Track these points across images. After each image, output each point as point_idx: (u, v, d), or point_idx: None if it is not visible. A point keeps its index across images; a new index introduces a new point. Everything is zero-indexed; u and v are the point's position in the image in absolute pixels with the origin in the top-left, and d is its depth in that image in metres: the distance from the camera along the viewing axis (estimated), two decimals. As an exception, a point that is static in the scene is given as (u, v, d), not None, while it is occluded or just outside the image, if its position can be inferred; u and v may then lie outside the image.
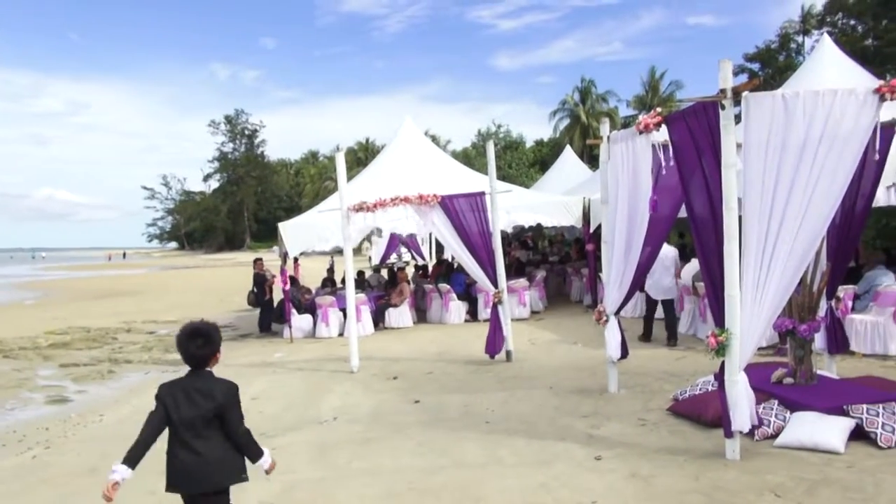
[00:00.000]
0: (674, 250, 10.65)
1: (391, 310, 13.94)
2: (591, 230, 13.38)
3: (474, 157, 57.29)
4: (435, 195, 9.45)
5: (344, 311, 11.90)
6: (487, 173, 10.03)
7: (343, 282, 10.99)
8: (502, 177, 26.50)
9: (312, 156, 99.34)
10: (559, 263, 19.22)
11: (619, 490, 4.70)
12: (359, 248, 29.49)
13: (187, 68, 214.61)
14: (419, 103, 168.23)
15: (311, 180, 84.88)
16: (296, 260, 14.16)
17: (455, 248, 9.63)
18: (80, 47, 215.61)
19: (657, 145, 6.15)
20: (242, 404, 3.44)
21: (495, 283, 9.54)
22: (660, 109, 6.23)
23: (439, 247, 20.24)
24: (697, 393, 6.47)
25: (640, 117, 6.20)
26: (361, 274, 15.85)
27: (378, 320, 13.74)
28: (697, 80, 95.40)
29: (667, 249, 9.80)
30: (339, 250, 11.24)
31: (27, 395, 9.61)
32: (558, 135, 59.13)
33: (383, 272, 17.87)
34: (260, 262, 14.76)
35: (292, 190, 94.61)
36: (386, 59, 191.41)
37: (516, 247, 21.62)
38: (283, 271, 13.18)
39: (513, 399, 7.41)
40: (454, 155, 47.66)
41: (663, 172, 6.18)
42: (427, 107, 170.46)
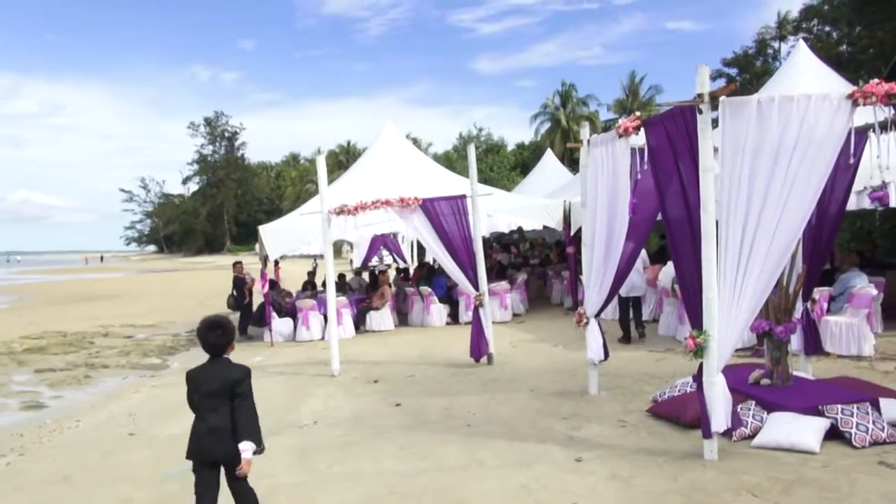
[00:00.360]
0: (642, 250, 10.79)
1: (372, 313, 13.91)
2: (571, 233, 13.46)
3: (456, 160, 57.34)
4: (416, 198, 9.45)
5: (325, 314, 11.85)
6: (469, 176, 10.05)
7: (324, 285, 10.94)
8: (484, 180, 26.57)
9: (293, 158, 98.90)
10: (540, 266, 19.30)
11: (600, 491, 4.73)
12: (339, 251, 29.42)
13: (167, 69, 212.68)
14: (401, 106, 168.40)
15: (292, 183, 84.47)
16: (276, 263, 14.08)
17: (436, 251, 9.64)
18: (57, 47, 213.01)
19: (636, 149, 6.21)
20: None
21: (476, 285, 9.56)
22: (639, 113, 6.28)
23: (421, 249, 20.25)
24: (676, 394, 6.53)
25: (620, 121, 6.25)
26: (342, 277, 15.79)
27: (359, 323, 13.70)
28: (677, 85, 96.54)
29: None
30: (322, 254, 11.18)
31: (1, 401, 9.44)
32: (539, 138, 59.44)
33: (364, 275, 17.82)
34: (239, 265, 14.66)
35: (273, 193, 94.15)
36: (367, 62, 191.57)
37: (498, 249, 21.70)
38: (263, 274, 13.10)
39: (494, 402, 7.42)
40: (436, 158, 47.65)
41: (640, 176, 6.23)
42: (409, 110, 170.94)
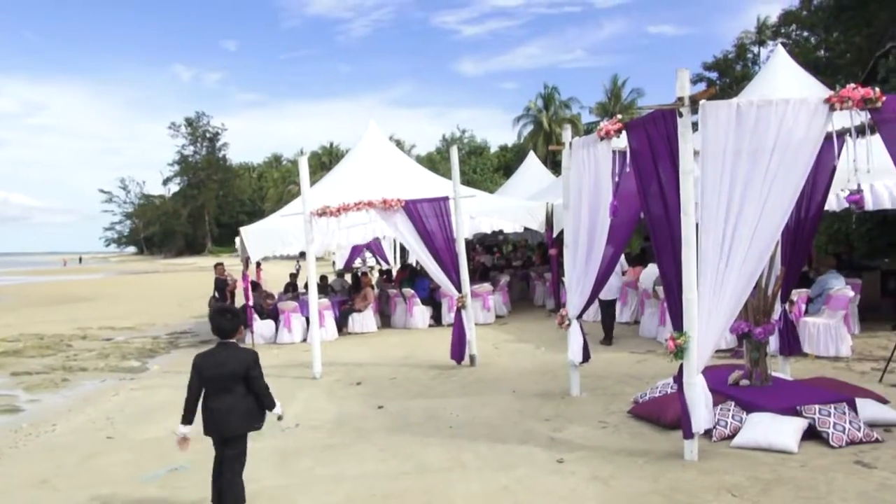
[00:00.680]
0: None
1: (355, 315, 13.86)
2: (553, 235, 13.51)
3: (439, 161, 57.43)
4: (399, 200, 9.44)
5: (307, 316, 11.79)
6: (452, 178, 10.06)
7: (306, 286, 10.89)
8: (467, 182, 26.56)
9: (276, 159, 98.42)
10: (523, 268, 19.35)
11: (581, 492, 4.75)
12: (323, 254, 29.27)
13: (148, 69, 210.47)
14: (384, 107, 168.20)
15: (275, 184, 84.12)
16: (258, 265, 13.99)
17: (419, 253, 9.63)
18: (37, 47, 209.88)
19: (618, 152, 6.25)
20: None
21: (459, 287, 9.56)
22: (620, 116, 6.34)
23: (404, 251, 20.20)
24: (657, 395, 6.57)
25: (602, 124, 6.29)
26: (324, 279, 15.72)
27: (342, 325, 13.65)
28: (659, 88, 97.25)
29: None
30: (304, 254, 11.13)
31: (-24, 405, 9.27)
32: (522, 140, 59.57)
33: (347, 277, 17.76)
34: (221, 266, 14.56)
35: (255, 194, 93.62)
36: (351, 63, 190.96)
37: (481, 251, 21.73)
38: (244, 276, 13.01)
39: (476, 403, 7.43)
40: (419, 160, 47.65)
41: (621, 179, 6.28)
42: (392, 111, 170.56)
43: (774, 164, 4.89)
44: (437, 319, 14.18)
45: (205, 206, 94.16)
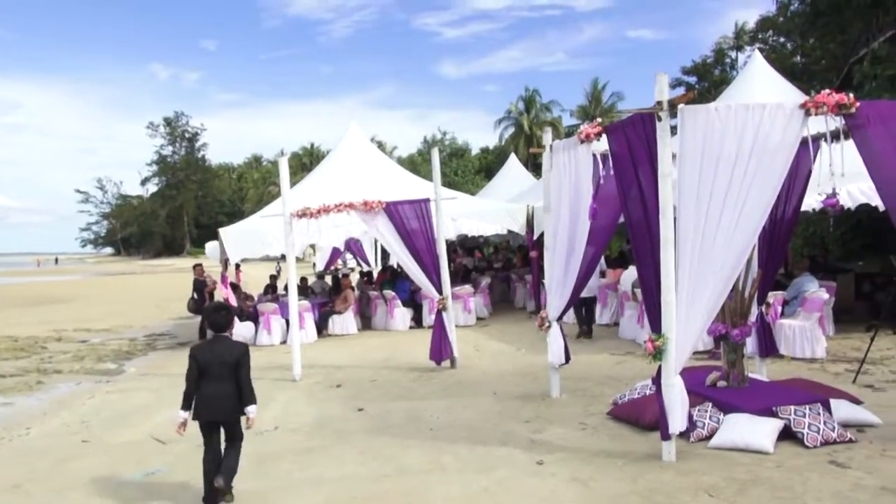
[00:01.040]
0: None
1: (335, 317, 13.80)
2: (534, 237, 13.56)
3: (420, 163, 57.31)
4: (380, 201, 9.41)
5: (287, 318, 11.71)
6: (433, 180, 10.06)
7: (286, 288, 10.81)
8: (448, 184, 26.60)
9: (256, 160, 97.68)
10: (503, 270, 19.40)
11: (560, 494, 4.77)
12: (301, 255, 29.12)
13: (125, 68, 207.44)
14: (365, 109, 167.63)
15: (255, 185, 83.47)
16: (237, 266, 13.87)
17: (400, 255, 9.61)
18: (11, 44, 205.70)
19: (598, 155, 6.29)
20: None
21: (440, 289, 9.56)
22: (600, 120, 6.37)
23: (385, 253, 20.17)
24: (636, 397, 6.62)
25: (582, 127, 6.33)
26: (304, 280, 15.64)
27: (322, 327, 13.58)
28: (639, 92, 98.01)
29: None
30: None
31: (-53, 409, 9.08)
32: (504, 143, 59.78)
33: (327, 279, 17.68)
34: (200, 267, 14.40)
35: (235, 195, 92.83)
36: (332, 64, 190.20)
37: (462, 253, 21.76)
38: (223, 278, 12.89)
39: (457, 405, 7.43)
40: (400, 161, 47.65)
41: (603, 181, 6.32)
42: (373, 112, 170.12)
43: (752, 167, 4.95)
44: (417, 321, 14.16)
45: (183, 207, 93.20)
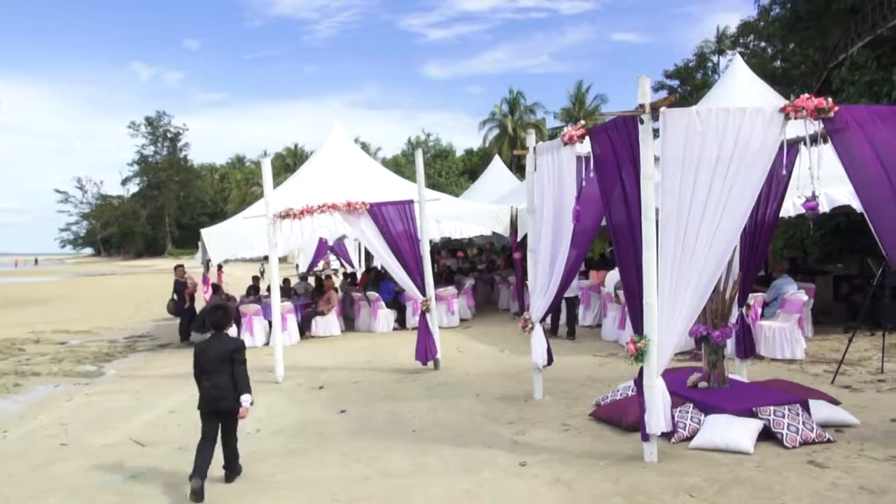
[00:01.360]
0: None
1: (318, 318, 13.74)
2: (518, 239, 13.59)
3: (404, 164, 57.30)
4: (363, 203, 9.39)
5: (269, 319, 11.64)
6: (417, 181, 10.04)
7: (268, 289, 10.75)
8: (432, 185, 26.58)
9: (239, 160, 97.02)
10: (487, 272, 19.43)
11: (543, 495, 4.78)
12: (284, 256, 28.96)
13: (106, 67, 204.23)
14: (350, 109, 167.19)
15: (238, 186, 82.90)
16: (220, 267, 13.76)
17: (383, 256, 9.59)
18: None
19: (581, 157, 6.32)
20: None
21: (424, 291, 9.55)
22: (583, 122, 6.41)
23: (368, 255, 20.11)
24: (618, 398, 6.65)
25: (566, 129, 6.35)
26: (287, 282, 15.55)
27: (305, 329, 13.51)
28: (622, 95, 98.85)
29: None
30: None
31: (-79, 412, 8.92)
32: (488, 145, 59.86)
33: (311, 280, 17.60)
34: (181, 268, 14.27)
35: (217, 195, 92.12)
36: (316, 64, 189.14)
37: (445, 255, 21.75)
38: (205, 279, 12.78)
39: (440, 407, 7.42)
40: (384, 162, 47.55)
41: (585, 184, 6.34)
42: (357, 113, 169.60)
43: (732, 170, 5.00)
44: (401, 323, 14.14)
45: (165, 208, 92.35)
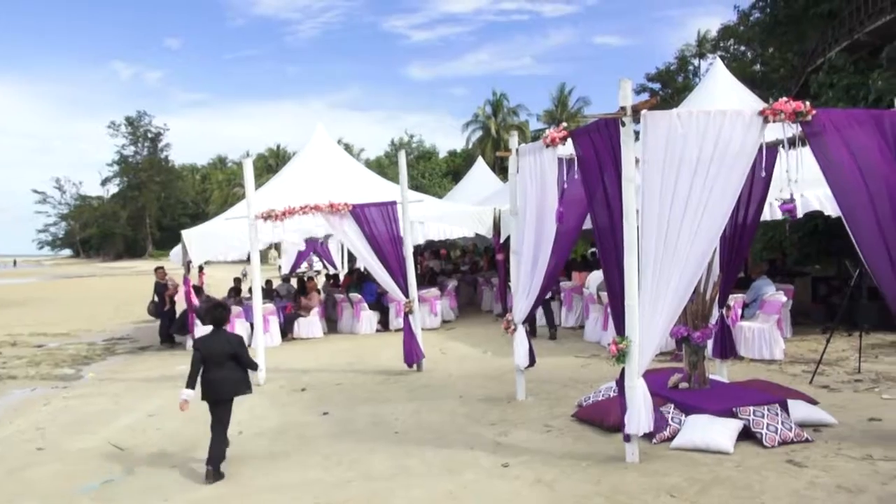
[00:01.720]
0: None
1: (300, 320, 13.66)
2: (501, 240, 13.62)
3: (387, 166, 57.11)
4: (346, 204, 9.36)
5: (251, 321, 11.55)
6: (400, 183, 10.03)
7: (250, 291, 10.67)
8: (415, 186, 26.57)
9: (220, 161, 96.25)
10: (470, 273, 19.44)
11: (525, 496, 4.79)
12: (266, 257, 28.77)
13: (85, 66, 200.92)
14: (332, 110, 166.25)
15: (219, 186, 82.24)
16: (201, 269, 13.63)
17: (366, 258, 9.56)
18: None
19: (563, 159, 6.35)
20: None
21: (406, 292, 9.53)
22: (566, 124, 6.43)
23: (351, 256, 20.04)
24: (600, 399, 6.68)
25: (548, 131, 6.38)
26: (270, 283, 15.45)
27: (287, 331, 13.43)
28: (605, 97, 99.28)
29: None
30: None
31: None
32: (471, 146, 59.92)
33: (293, 281, 17.50)
34: (161, 270, 14.13)
35: (199, 196, 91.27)
36: (299, 65, 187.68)
37: (428, 256, 21.74)
38: (186, 280, 12.66)
39: (422, 409, 7.41)
40: (367, 164, 47.40)
41: (567, 185, 6.37)
42: (340, 114, 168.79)
43: (712, 172, 5.05)
44: (384, 324, 14.10)
45: (145, 209, 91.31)
